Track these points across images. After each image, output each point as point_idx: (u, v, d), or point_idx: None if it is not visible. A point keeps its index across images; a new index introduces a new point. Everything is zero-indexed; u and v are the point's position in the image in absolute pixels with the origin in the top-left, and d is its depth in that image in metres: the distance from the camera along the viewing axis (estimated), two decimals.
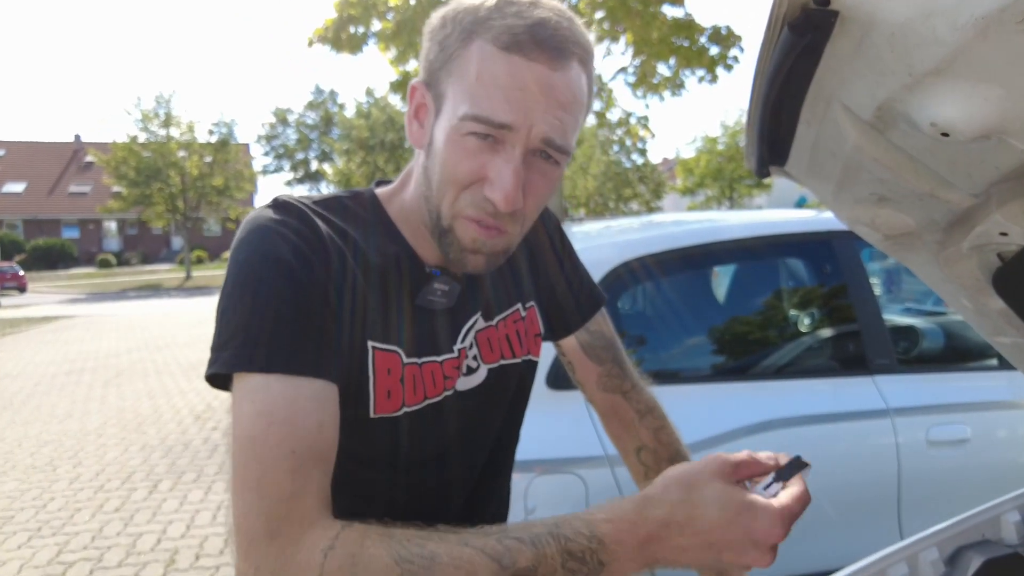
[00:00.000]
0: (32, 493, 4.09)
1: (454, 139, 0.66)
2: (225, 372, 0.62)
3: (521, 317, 0.88)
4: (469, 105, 0.64)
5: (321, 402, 0.63)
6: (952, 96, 0.50)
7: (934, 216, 0.74)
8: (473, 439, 0.83)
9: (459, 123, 0.64)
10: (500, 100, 0.63)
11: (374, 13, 7.93)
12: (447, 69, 0.67)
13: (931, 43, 0.46)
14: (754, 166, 0.76)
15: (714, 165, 26.44)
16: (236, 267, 0.65)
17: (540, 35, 0.63)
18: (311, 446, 0.61)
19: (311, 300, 0.64)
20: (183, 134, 26.73)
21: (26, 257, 32.29)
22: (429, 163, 0.70)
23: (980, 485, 1.86)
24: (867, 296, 2.09)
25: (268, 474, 0.58)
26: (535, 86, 0.63)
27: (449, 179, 0.67)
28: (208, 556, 3.18)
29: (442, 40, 0.67)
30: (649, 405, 0.99)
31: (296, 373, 0.62)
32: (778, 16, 0.52)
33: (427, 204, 0.72)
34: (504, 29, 0.63)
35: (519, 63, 0.63)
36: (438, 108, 0.69)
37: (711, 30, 8.10)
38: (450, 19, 0.67)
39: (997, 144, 0.55)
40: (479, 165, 0.66)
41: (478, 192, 0.67)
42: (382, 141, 26.94)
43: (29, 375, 8.02)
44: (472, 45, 0.65)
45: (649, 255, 1.96)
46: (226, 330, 0.63)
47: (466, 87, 0.64)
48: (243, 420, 0.60)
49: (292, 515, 0.58)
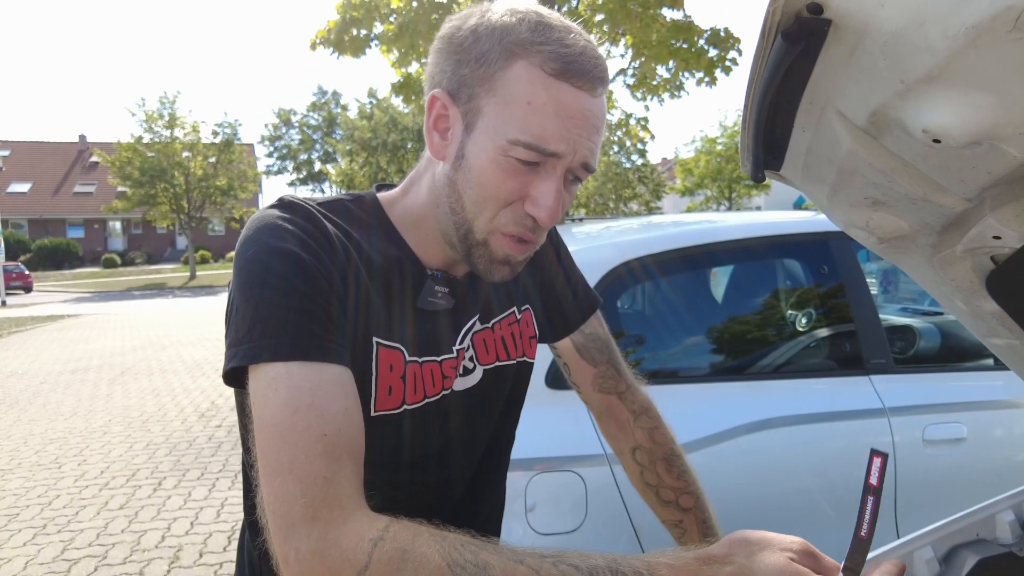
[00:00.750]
0: (37, 490, 4.12)
1: (498, 160, 0.67)
2: (244, 364, 0.63)
3: (516, 320, 0.90)
4: (519, 131, 0.65)
5: (343, 387, 0.64)
6: (944, 103, 0.51)
7: (928, 220, 0.75)
8: (469, 439, 0.85)
9: (507, 146, 0.66)
10: (551, 129, 0.65)
11: (376, 16, 7.93)
12: (487, 86, 0.67)
13: (923, 51, 0.48)
14: (750, 170, 0.77)
15: (713, 166, 26.43)
16: (245, 263, 0.66)
17: (585, 64, 0.66)
18: (339, 430, 0.61)
19: (322, 289, 0.65)
20: (187, 135, 26.79)
21: (31, 256, 32.37)
22: (460, 177, 0.70)
23: (976, 484, 1.87)
24: (864, 296, 2.10)
25: (300, 458, 0.58)
26: (580, 114, 0.66)
27: (491, 197, 0.69)
28: (212, 553, 3.20)
29: (479, 55, 0.67)
30: (644, 406, 1.01)
31: (315, 359, 0.62)
32: (772, 24, 0.53)
33: (454, 216, 0.72)
34: (552, 55, 0.65)
35: (567, 91, 0.65)
36: (470, 123, 0.69)
37: (710, 32, 8.09)
38: (485, 34, 0.68)
39: (989, 150, 0.56)
40: (522, 184, 0.68)
41: (519, 209, 0.70)
42: (384, 142, 26.95)
43: (35, 373, 8.06)
44: (516, 66, 0.66)
45: (648, 255, 1.97)
46: (242, 325, 0.64)
47: (515, 111, 0.66)
48: (268, 409, 0.60)
49: (330, 499, 0.58)
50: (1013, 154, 0.56)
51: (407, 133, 27.02)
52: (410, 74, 8.58)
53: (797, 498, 1.85)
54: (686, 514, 0.97)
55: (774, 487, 1.83)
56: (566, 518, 1.67)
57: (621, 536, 1.68)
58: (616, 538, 1.69)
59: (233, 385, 0.66)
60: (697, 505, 0.97)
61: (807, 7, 0.49)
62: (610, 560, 0.58)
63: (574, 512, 1.66)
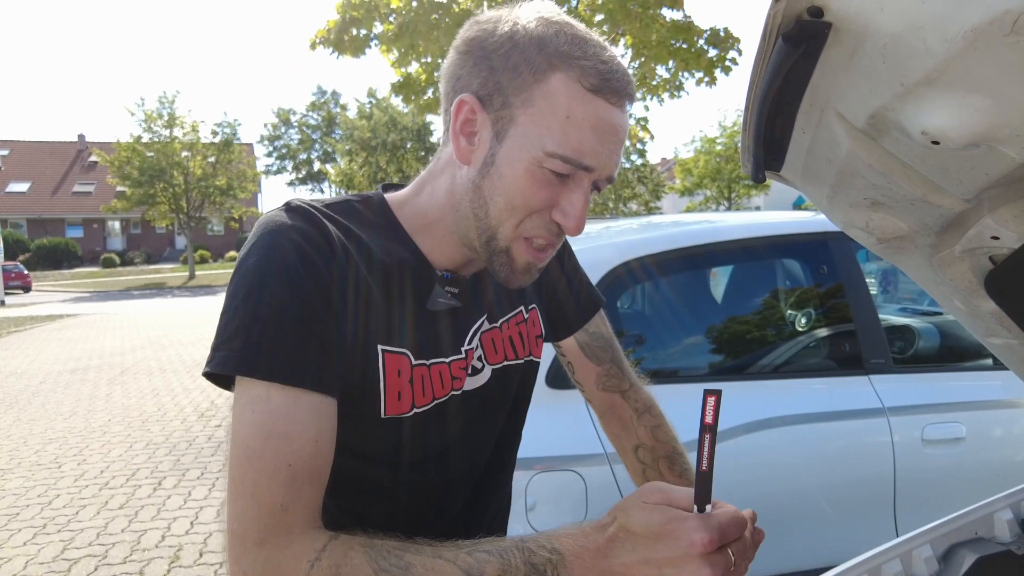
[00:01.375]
0: (37, 490, 4.12)
1: (532, 169, 0.68)
2: (225, 373, 0.64)
3: (524, 319, 0.90)
4: (557, 144, 0.67)
5: (319, 417, 0.65)
6: (942, 106, 0.51)
7: (927, 220, 0.76)
8: (476, 438, 0.85)
9: (543, 157, 0.67)
10: (588, 144, 0.67)
11: (376, 15, 7.92)
12: (523, 96, 0.68)
13: (922, 54, 0.48)
14: (750, 171, 0.77)
15: (712, 166, 26.44)
16: (245, 270, 0.66)
17: (620, 80, 0.68)
18: (306, 461, 0.63)
19: (316, 311, 0.66)
20: (187, 134, 26.78)
21: (30, 256, 32.34)
22: (487, 184, 0.71)
23: (975, 483, 1.88)
24: (863, 296, 2.11)
25: (262, 484, 0.61)
26: (611, 129, 0.68)
27: (521, 205, 0.70)
28: (212, 553, 3.20)
29: (516, 64, 0.68)
30: (647, 404, 1.02)
31: (296, 385, 0.64)
32: (773, 26, 0.54)
33: (477, 221, 0.73)
34: (590, 70, 0.66)
35: (604, 107, 0.67)
36: (501, 130, 0.69)
37: (709, 32, 8.09)
38: (523, 43, 0.68)
39: (987, 152, 0.57)
40: (554, 194, 0.70)
41: (545, 216, 0.71)
42: (384, 142, 26.95)
43: (34, 373, 8.06)
44: (554, 78, 0.67)
45: (648, 255, 1.98)
46: (227, 330, 0.65)
47: (553, 123, 0.67)
48: (243, 429, 0.63)
49: (280, 525, 0.61)
50: (1011, 156, 0.56)
51: (406, 133, 27.02)
52: (410, 74, 8.58)
53: (796, 497, 1.85)
54: None
55: (773, 486, 1.84)
56: (566, 517, 1.67)
57: None
58: None
59: (217, 384, 0.68)
60: None
61: (808, 10, 0.50)
62: (518, 540, 0.62)
63: (574, 511, 1.67)
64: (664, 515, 0.57)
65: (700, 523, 0.55)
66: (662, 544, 0.56)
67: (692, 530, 0.55)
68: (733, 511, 0.58)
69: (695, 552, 0.54)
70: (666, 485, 0.61)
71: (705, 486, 0.57)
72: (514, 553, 0.61)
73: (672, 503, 0.58)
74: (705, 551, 0.54)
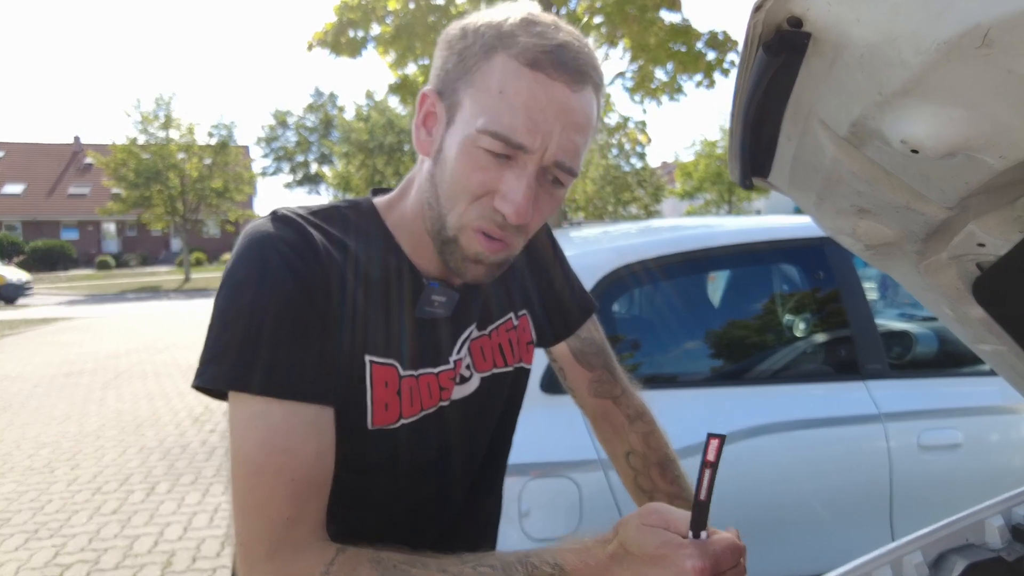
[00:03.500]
0: (30, 495, 4.10)
1: (468, 150, 0.66)
2: (220, 388, 0.64)
3: (513, 326, 0.90)
4: (488, 119, 0.64)
5: (319, 428, 0.65)
6: (920, 115, 0.52)
7: (912, 227, 0.76)
8: (466, 446, 0.85)
9: (476, 135, 0.65)
10: (520, 119, 0.63)
11: (373, 17, 7.94)
12: (466, 80, 0.67)
13: (897, 65, 0.48)
14: (738, 178, 0.78)
15: (713, 169, 26.49)
16: (233, 283, 0.66)
17: (564, 56, 0.65)
18: (308, 473, 0.63)
19: (307, 321, 0.66)
20: (183, 136, 26.73)
21: (25, 258, 32.25)
22: (437, 171, 0.70)
23: (972, 489, 1.88)
24: (860, 301, 2.11)
25: (268, 500, 0.62)
26: (554, 107, 0.64)
27: (460, 190, 0.67)
28: (205, 558, 3.18)
29: (462, 50, 0.67)
30: (639, 410, 1.01)
31: (294, 398, 0.63)
32: (754, 37, 0.54)
33: (430, 211, 0.71)
34: (530, 46, 0.64)
35: (543, 81, 0.64)
36: (451, 117, 0.69)
37: (708, 35, 8.13)
38: (471, 31, 0.68)
39: (966, 160, 0.57)
40: (491, 177, 0.66)
41: (487, 204, 0.68)
42: (381, 144, 26.96)
43: (28, 377, 8.02)
44: (495, 58, 0.65)
45: (646, 260, 1.98)
46: (217, 344, 0.64)
47: (487, 100, 0.65)
48: (244, 445, 0.63)
49: (289, 539, 0.61)
50: (990, 163, 0.56)
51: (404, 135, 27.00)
52: (407, 76, 8.59)
53: (792, 503, 1.85)
54: None
55: (770, 492, 1.83)
56: (561, 523, 1.67)
57: None
58: None
59: (206, 395, 0.68)
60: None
61: (787, 20, 0.50)
62: (522, 555, 0.63)
63: (569, 517, 1.67)
64: (659, 538, 0.58)
65: (695, 550, 0.56)
66: (657, 567, 0.57)
67: (686, 557, 0.56)
68: (729, 539, 0.59)
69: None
70: (666, 507, 0.61)
71: (702, 514, 0.58)
72: (517, 568, 0.61)
73: (669, 526, 0.59)
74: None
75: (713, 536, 0.58)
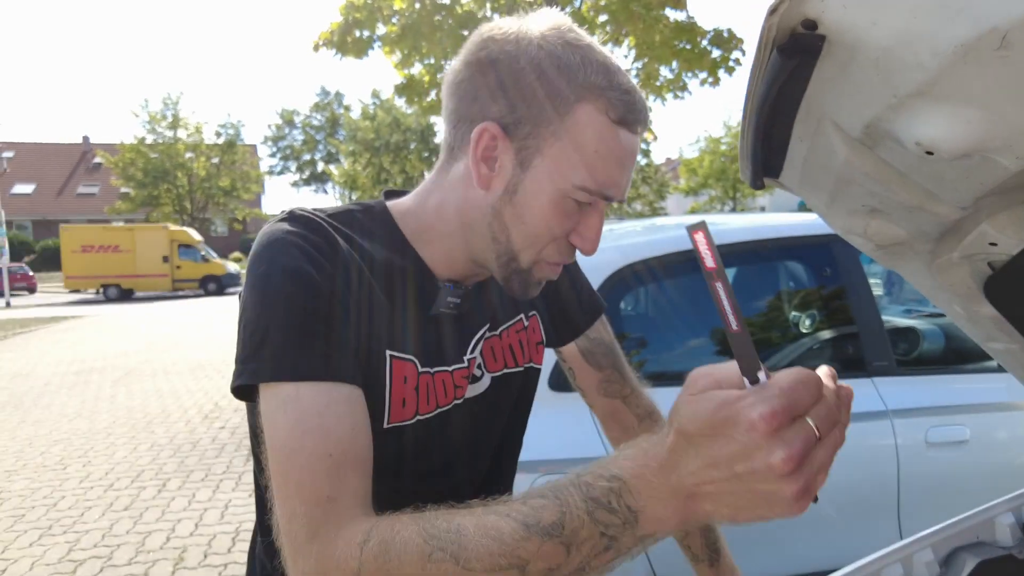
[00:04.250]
0: (43, 491, 4.15)
1: (559, 201, 0.70)
2: (253, 383, 0.64)
3: (524, 327, 0.91)
4: (586, 178, 0.68)
5: (352, 406, 0.65)
6: (935, 117, 0.52)
7: (924, 227, 0.76)
8: (477, 446, 0.86)
9: (572, 189, 0.69)
10: (613, 176, 0.69)
11: (379, 17, 7.95)
12: (551, 129, 0.68)
13: (914, 67, 0.49)
14: (749, 178, 0.78)
15: (717, 165, 26.43)
16: (256, 280, 0.67)
17: (641, 108, 0.70)
18: (346, 450, 0.63)
19: (332, 308, 0.66)
20: (190, 135, 26.91)
21: (35, 258, 32.46)
22: (508, 211, 0.72)
23: (979, 486, 1.87)
24: (866, 298, 2.10)
25: (306, 480, 0.61)
26: (630, 157, 0.71)
27: (545, 233, 0.72)
28: (216, 554, 3.21)
29: (541, 93, 0.67)
30: (648, 409, 1.02)
31: (324, 379, 0.64)
32: (768, 39, 0.54)
33: (496, 245, 0.74)
34: (616, 102, 0.67)
35: (625, 136, 0.69)
36: (524, 160, 0.69)
37: (713, 33, 8.10)
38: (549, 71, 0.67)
39: (981, 161, 0.57)
40: (574, 220, 0.72)
41: (563, 240, 0.74)
42: (387, 143, 27.01)
43: (39, 375, 8.09)
44: (581, 111, 0.67)
45: (652, 258, 1.98)
46: (250, 343, 0.65)
47: (583, 157, 0.68)
48: (279, 432, 0.62)
49: (329, 517, 0.60)
50: (1005, 165, 0.57)
51: (410, 134, 27.06)
52: (413, 75, 8.60)
53: None
54: None
55: None
56: None
57: None
58: None
59: (242, 399, 0.68)
60: None
61: (802, 23, 0.50)
62: (574, 477, 0.55)
63: None
64: (712, 401, 0.46)
65: (756, 397, 0.44)
66: (722, 437, 0.45)
67: (747, 408, 0.44)
68: (797, 372, 0.46)
69: (759, 434, 0.43)
70: (711, 366, 0.50)
71: (745, 350, 0.45)
72: (571, 492, 0.54)
73: (720, 384, 0.47)
74: (771, 429, 0.43)
75: (776, 375, 0.46)
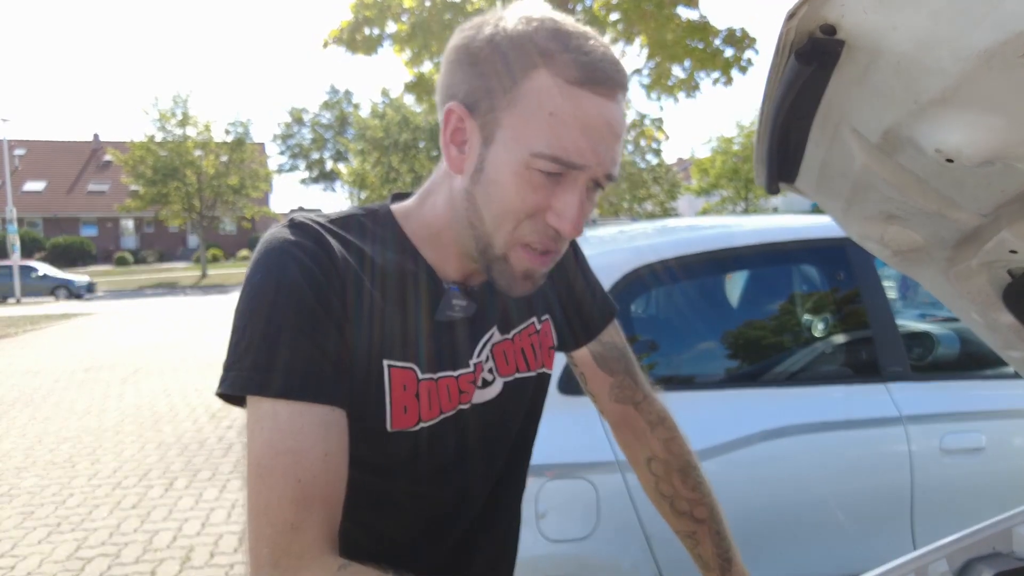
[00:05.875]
0: (52, 489, 4.17)
1: (521, 173, 0.66)
2: (234, 393, 0.65)
3: (536, 330, 0.89)
4: (544, 144, 0.64)
5: (327, 430, 0.64)
6: (956, 124, 0.51)
7: (943, 234, 0.74)
8: (488, 451, 0.85)
9: (531, 159, 0.65)
10: (575, 140, 0.64)
11: (389, 15, 7.97)
12: (507, 98, 0.66)
13: (935, 73, 0.47)
14: (764, 183, 0.77)
15: (729, 165, 26.28)
16: (251, 289, 0.67)
17: (606, 70, 0.65)
18: (315, 476, 0.62)
19: (322, 326, 0.66)
20: (200, 133, 27.01)
21: (46, 255, 32.75)
22: (479, 191, 0.69)
23: (995, 494, 1.85)
24: (880, 302, 2.08)
25: (273, 502, 0.61)
26: (602, 123, 0.65)
27: (512, 210, 0.68)
28: (223, 554, 3.22)
29: (497, 66, 0.66)
30: (660, 416, 1.00)
31: (303, 400, 0.63)
32: (786, 43, 0.53)
33: (473, 230, 0.71)
34: (572, 63, 0.64)
35: (589, 99, 0.64)
36: (488, 135, 0.68)
37: (726, 32, 8.06)
38: (503, 43, 0.66)
39: (1003, 168, 0.56)
40: (544, 196, 0.67)
41: (540, 220, 0.68)
42: (396, 141, 27.05)
43: (49, 372, 8.16)
44: (536, 76, 0.64)
45: (663, 260, 1.97)
46: (236, 350, 0.65)
47: (537, 122, 0.64)
48: (254, 447, 0.63)
49: (292, 548, 0.60)
50: None
51: (419, 132, 27.08)
52: (423, 73, 8.61)
53: (812, 506, 1.83)
54: (700, 525, 0.96)
55: (789, 495, 1.82)
56: (577, 525, 1.67)
57: (632, 544, 1.68)
58: (627, 546, 1.68)
59: (229, 403, 0.68)
60: (711, 517, 0.96)
61: (820, 28, 0.49)
62: None
63: (585, 519, 1.66)
64: None
65: None
66: None
67: None
68: None
69: None
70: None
71: None
72: None
73: None
74: None
75: None
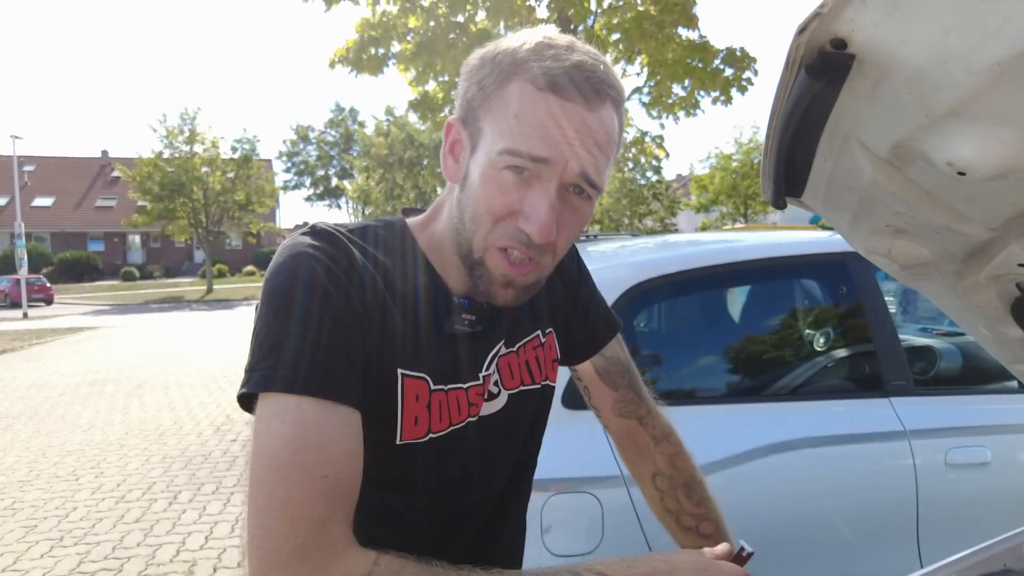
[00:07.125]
0: (55, 502, 4.16)
1: (490, 173, 0.68)
2: (262, 391, 0.64)
3: (540, 343, 0.90)
4: (508, 141, 0.66)
5: (350, 429, 0.64)
6: (968, 137, 0.51)
7: (951, 248, 0.75)
8: (492, 464, 0.85)
9: (496, 158, 0.67)
10: (538, 136, 0.65)
11: (394, 35, 8.06)
12: (485, 107, 0.69)
13: (948, 86, 0.48)
14: (770, 197, 0.77)
15: (728, 182, 26.38)
16: (273, 291, 0.67)
17: (577, 77, 0.66)
18: (340, 473, 0.62)
19: (344, 326, 0.66)
20: (207, 150, 27.22)
21: (53, 269, 32.90)
22: (463, 196, 0.72)
23: (1001, 510, 1.83)
24: (883, 316, 2.07)
25: (296, 497, 0.59)
26: (571, 124, 0.66)
27: (484, 212, 0.69)
28: (226, 568, 3.20)
29: (481, 80, 0.70)
30: (664, 431, 1.00)
31: (327, 398, 0.63)
32: (796, 57, 0.54)
33: (459, 236, 0.73)
34: (543, 71, 0.66)
35: (557, 102, 0.65)
36: (474, 144, 0.71)
37: (725, 52, 8.13)
38: (489, 60, 0.70)
39: (1015, 182, 0.56)
40: (515, 199, 0.68)
41: (512, 225, 0.69)
42: (401, 158, 27.23)
43: (54, 385, 8.16)
44: (511, 85, 0.67)
45: (665, 275, 1.97)
46: (259, 351, 0.65)
47: (505, 124, 0.67)
48: (272, 440, 0.61)
49: (322, 541, 0.59)
50: None
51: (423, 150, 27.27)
52: (427, 92, 8.69)
53: (815, 521, 1.82)
54: (706, 541, 0.96)
55: (792, 510, 1.81)
56: (582, 540, 1.65)
57: None
58: None
59: (248, 410, 0.67)
60: (717, 532, 0.96)
61: (831, 42, 0.50)
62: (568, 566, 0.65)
63: (590, 534, 1.65)
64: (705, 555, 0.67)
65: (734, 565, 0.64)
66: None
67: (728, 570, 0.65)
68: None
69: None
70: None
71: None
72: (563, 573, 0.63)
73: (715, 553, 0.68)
74: None
75: None
